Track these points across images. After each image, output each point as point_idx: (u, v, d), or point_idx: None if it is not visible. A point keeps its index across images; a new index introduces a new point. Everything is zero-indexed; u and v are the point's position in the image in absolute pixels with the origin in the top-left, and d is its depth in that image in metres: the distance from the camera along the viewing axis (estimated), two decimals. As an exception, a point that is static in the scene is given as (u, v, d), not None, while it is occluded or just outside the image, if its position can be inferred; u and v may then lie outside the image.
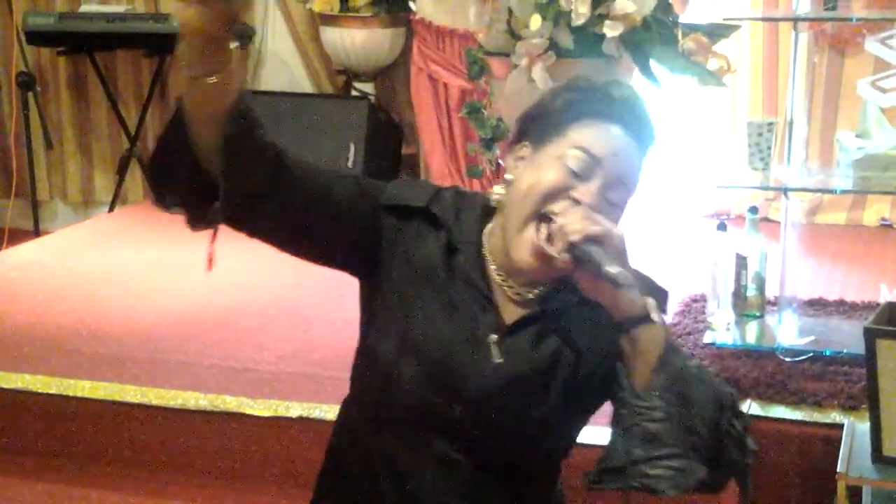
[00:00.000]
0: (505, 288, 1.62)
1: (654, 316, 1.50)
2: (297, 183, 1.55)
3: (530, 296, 1.61)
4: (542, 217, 1.53)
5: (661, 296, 1.65)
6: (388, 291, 1.62)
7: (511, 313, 1.61)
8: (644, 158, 1.63)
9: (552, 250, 1.51)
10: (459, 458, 1.58)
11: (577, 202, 1.52)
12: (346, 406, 1.72)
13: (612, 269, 1.46)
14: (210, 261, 1.60)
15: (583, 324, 1.59)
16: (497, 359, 1.57)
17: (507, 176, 1.61)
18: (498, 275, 1.62)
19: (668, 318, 3.38)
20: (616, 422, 1.52)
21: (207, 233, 1.57)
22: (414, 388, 1.58)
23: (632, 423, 1.49)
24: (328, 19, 4.96)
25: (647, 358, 1.49)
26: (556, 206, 1.52)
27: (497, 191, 1.61)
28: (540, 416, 1.56)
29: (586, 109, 1.59)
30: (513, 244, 1.56)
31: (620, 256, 1.48)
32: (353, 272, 1.68)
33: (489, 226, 1.63)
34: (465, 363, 1.57)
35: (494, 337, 1.58)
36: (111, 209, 5.38)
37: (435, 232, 1.63)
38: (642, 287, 1.61)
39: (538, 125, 1.62)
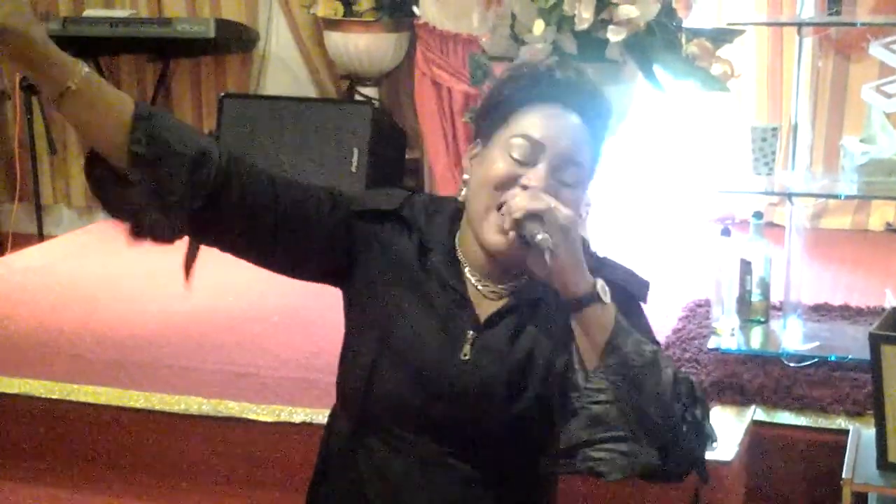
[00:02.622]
0: (480, 287, 1.64)
1: (603, 296, 1.49)
2: (248, 195, 1.57)
3: (505, 291, 1.63)
4: (499, 207, 1.56)
5: (641, 286, 1.67)
6: (364, 297, 1.66)
7: (486, 310, 1.63)
8: (596, 134, 1.62)
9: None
10: (445, 460, 1.58)
11: (525, 188, 1.55)
12: (333, 416, 1.74)
13: (540, 234, 1.47)
14: (187, 274, 1.64)
15: (558, 315, 1.58)
16: (465, 356, 1.58)
17: (465, 176, 1.64)
18: (472, 274, 1.64)
19: (666, 318, 3.38)
20: (567, 405, 1.50)
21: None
22: (393, 389, 1.59)
23: (579, 406, 1.48)
24: (332, 24, 4.97)
25: (594, 339, 1.48)
26: (508, 195, 1.54)
27: (461, 194, 1.65)
28: (518, 411, 1.56)
29: (528, 95, 1.61)
30: (480, 233, 1.59)
31: (564, 233, 1.48)
32: (327, 281, 1.71)
33: (462, 228, 1.66)
34: (441, 361, 1.59)
35: (471, 333, 1.59)
36: (114, 214, 5.37)
37: (407, 235, 1.66)
38: (622, 276, 1.64)
39: (487, 121, 1.64)
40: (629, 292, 1.64)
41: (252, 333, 3.49)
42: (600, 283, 1.50)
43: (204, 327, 3.53)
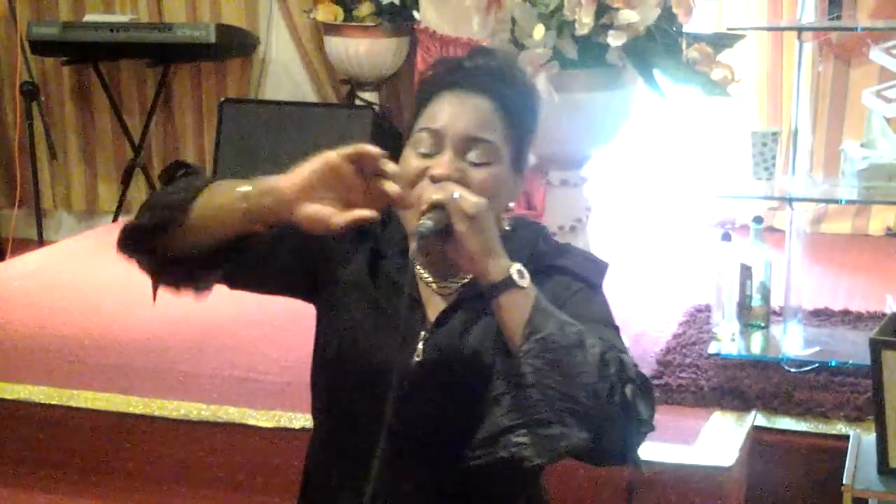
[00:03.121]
0: (431, 284, 1.64)
1: (519, 281, 1.48)
2: (252, 248, 1.58)
3: (456, 287, 1.64)
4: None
5: (597, 271, 1.66)
6: (326, 310, 1.68)
7: (439, 308, 1.63)
8: (509, 110, 1.61)
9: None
10: (414, 464, 1.58)
11: (434, 178, 1.55)
12: (313, 430, 1.74)
13: (422, 220, 1.47)
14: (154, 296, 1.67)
15: None
16: (419, 357, 1.58)
17: None
18: (422, 273, 1.65)
19: (666, 323, 3.38)
20: (491, 391, 1.49)
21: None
22: (356, 398, 1.60)
23: (501, 392, 1.47)
24: (332, 29, 4.97)
25: (513, 324, 1.47)
26: (418, 188, 1.55)
27: None
28: (479, 408, 1.53)
29: (435, 89, 1.62)
30: (408, 230, 1.59)
31: (470, 220, 1.47)
32: (296, 297, 1.74)
33: None
34: (397, 366, 1.56)
35: (423, 333, 1.59)
36: (115, 219, 5.38)
37: (363, 244, 1.67)
38: (579, 262, 1.64)
39: (410, 125, 1.65)
40: (585, 278, 1.63)
41: (252, 338, 3.49)
42: (515, 267, 1.49)
43: (203, 333, 3.53)
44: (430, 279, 1.65)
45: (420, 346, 1.60)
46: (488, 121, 1.59)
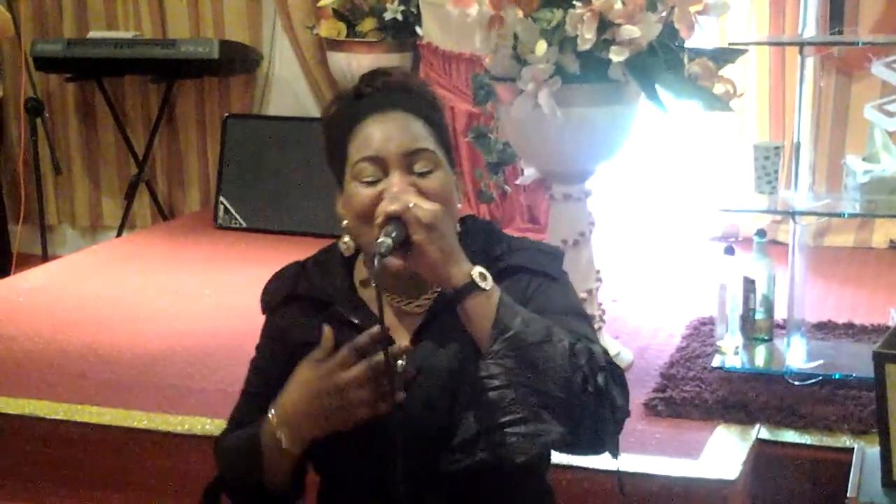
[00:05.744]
0: (403, 307, 1.64)
1: (481, 283, 1.50)
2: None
3: (429, 302, 1.64)
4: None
5: (555, 263, 1.68)
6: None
7: (412, 328, 1.63)
8: (424, 114, 1.63)
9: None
10: (422, 494, 1.57)
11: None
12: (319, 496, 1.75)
13: (380, 238, 1.48)
14: None
15: None
16: (401, 393, 1.55)
17: (343, 223, 1.65)
18: (393, 299, 1.64)
19: (670, 336, 3.38)
20: (466, 395, 1.51)
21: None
22: (347, 447, 1.60)
23: (475, 395, 1.48)
24: (335, 44, 4.98)
25: (481, 327, 1.49)
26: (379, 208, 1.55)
27: (344, 241, 1.66)
28: (464, 419, 1.53)
29: (347, 125, 1.64)
30: (367, 257, 1.59)
31: (428, 229, 1.49)
32: None
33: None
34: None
35: (401, 363, 1.57)
36: (119, 234, 5.40)
37: (309, 306, 1.68)
38: (536, 258, 1.65)
39: (334, 167, 1.68)
40: (542, 272, 1.64)
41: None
42: (477, 270, 1.50)
43: (207, 347, 3.53)
44: (400, 302, 1.65)
45: (397, 380, 1.57)
46: (417, 131, 1.61)
